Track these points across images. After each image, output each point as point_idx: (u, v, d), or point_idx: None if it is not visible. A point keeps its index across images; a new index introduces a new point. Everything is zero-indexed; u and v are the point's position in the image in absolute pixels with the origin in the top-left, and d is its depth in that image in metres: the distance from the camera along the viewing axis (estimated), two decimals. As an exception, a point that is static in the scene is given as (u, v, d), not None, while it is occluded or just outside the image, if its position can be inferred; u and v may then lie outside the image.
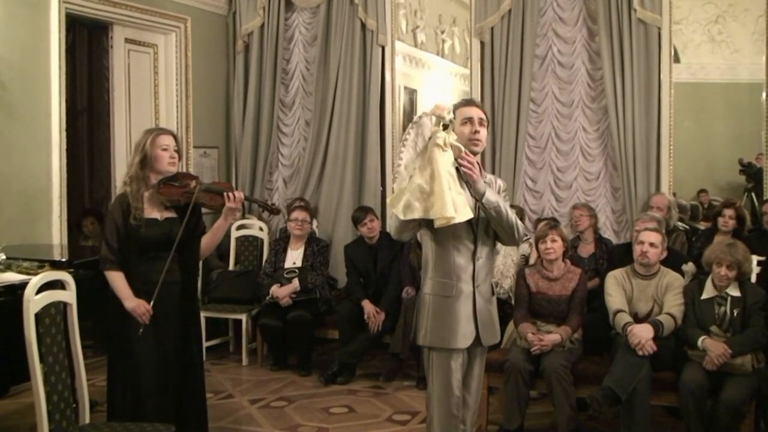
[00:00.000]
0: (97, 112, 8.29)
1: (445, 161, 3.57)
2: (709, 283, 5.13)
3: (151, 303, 4.16)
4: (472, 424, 4.07)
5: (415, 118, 3.71)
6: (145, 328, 4.17)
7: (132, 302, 4.17)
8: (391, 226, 3.76)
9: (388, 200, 3.73)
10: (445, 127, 3.62)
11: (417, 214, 3.56)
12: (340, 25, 7.87)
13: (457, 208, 3.54)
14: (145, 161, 4.27)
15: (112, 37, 7.51)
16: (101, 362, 6.11)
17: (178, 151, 4.39)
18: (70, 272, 4.19)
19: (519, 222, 3.88)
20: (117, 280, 4.21)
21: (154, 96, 7.88)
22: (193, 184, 4.33)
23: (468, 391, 3.95)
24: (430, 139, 3.62)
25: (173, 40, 7.88)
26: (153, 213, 4.30)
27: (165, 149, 4.29)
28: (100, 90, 8.12)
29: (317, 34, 8.04)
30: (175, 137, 4.41)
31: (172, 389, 4.30)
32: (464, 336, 3.81)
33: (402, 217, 3.59)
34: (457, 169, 3.63)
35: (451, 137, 3.63)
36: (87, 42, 8.19)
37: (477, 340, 3.86)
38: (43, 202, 6.56)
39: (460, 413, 3.90)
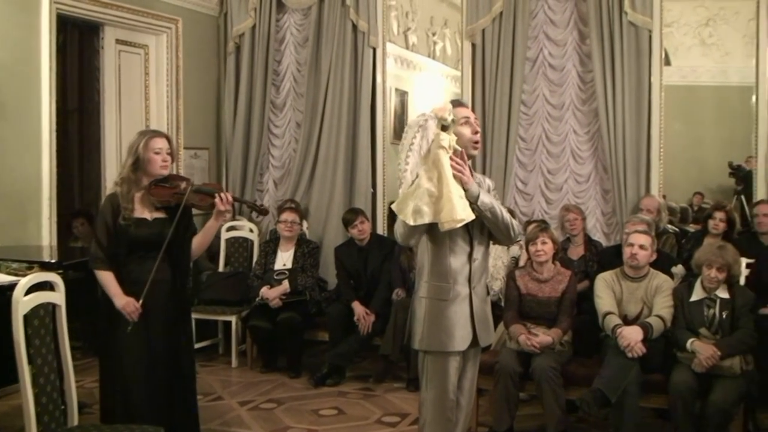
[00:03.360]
0: (88, 112, 8.28)
1: (448, 163, 3.57)
2: (698, 286, 5.14)
3: (140, 301, 4.16)
4: (465, 425, 4.08)
5: (420, 121, 3.68)
6: (133, 326, 4.17)
7: (122, 300, 4.17)
8: (397, 233, 3.71)
9: (393, 206, 3.69)
10: (444, 129, 3.62)
11: (427, 219, 3.54)
12: (331, 27, 7.87)
13: (465, 209, 3.55)
14: (138, 164, 4.28)
15: (103, 38, 7.50)
16: (90, 364, 6.13)
17: (172, 154, 4.38)
18: (59, 273, 4.17)
19: (513, 220, 3.90)
20: (107, 278, 4.23)
21: (145, 97, 7.87)
22: (183, 185, 4.34)
23: (461, 392, 3.96)
24: (432, 141, 3.62)
25: (164, 41, 7.87)
26: (143, 213, 4.30)
27: (158, 153, 4.29)
28: (91, 91, 8.11)
29: (308, 36, 8.03)
30: (169, 140, 4.41)
31: (162, 390, 4.29)
32: (462, 338, 3.82)
33: (412, 223, 3.56)
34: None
35: (453, 139, 3.63)
36: (78, 42, 8.17)
37: (474, 341, 3.87)
38: (33, 203, 6.55)
39: (454, 416, 3.90)
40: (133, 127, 7.10)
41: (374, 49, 7.83)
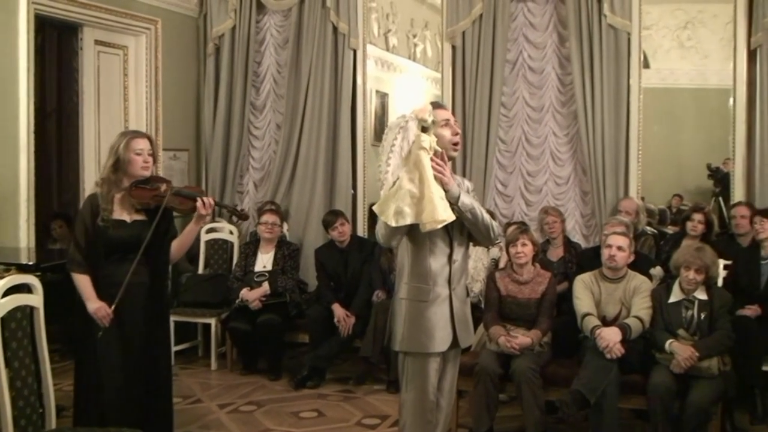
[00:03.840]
0: (66, 114, 8.22)
1: (429, 164, 3.58)
2: (676, 287, 5.18)
3: (113, 306, 4.13)
4: (445, 426, 4.08)
5: (401, 123, 3.67)
6: (107, 330, 4.14)
7: (94, 304, 4.16)
8: (378, 234, 3.71)
9: (374, 207, 3.68)
10: (425, 130, 3.62)
11: (409, 220, 3.55)
12: (311, 28, 7.85)
13: (446, 210, 3.56)
14: (118, 165, 4.25)
15: (81, 39, 7.44)
16: (68, 366, 6.06)
17: (153, 155, 4.35)
18: (37, 276, 4.14)
19: (493, 221, 3.92)
20: (82, 282, 4.21)
21: (124, 98, 7.82)
22: (164, 187, 4.32)
23: (441, 393, 3.96)
24: (413, 143, 3.62)
25: (143, 42, 7.82)
26: (122, 215, 4.28)
27: (139, 153, 4.26)
28: (70, 92, 8.05)
29: (289, 37, 8.01)
30: (150, 140, 4.39)
31: (137, 392, 4.25)
32: (442, 340, 3.82)
33: (394, 224, 3.56)
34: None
35: (433, 140, 3.64)
36: (56, 43, 8.12)
37: (454, 342, 3.87)
38: (11, 205, 6.49)
39: (435, 418, 3.91)
40: (112, 129, 7.08)
41: (354, 51, 7.83)
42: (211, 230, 7.80)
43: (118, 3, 7.43)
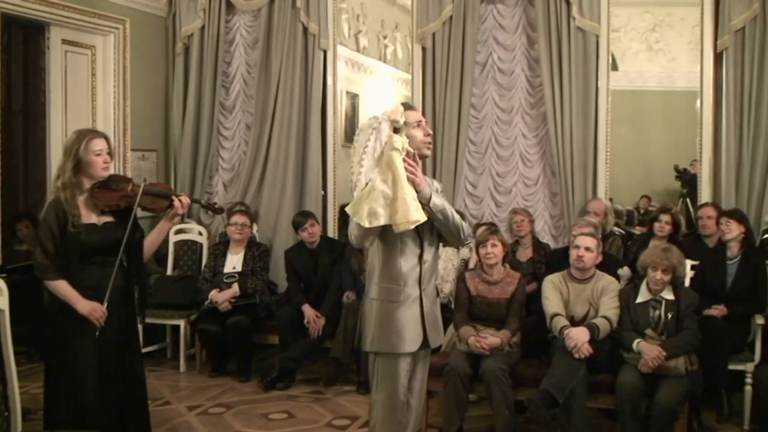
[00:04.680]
0: (33, 113, 8.12)
1: (402, 165, 3.58)
2: (644, 287, 5.22)
3: (105, 304, 4.07)
4: (415, 427, 4.09)
5: (374, 124, 3.68)
6: (87, 331, 4.06)
7: (86, 305, 4.07)
8: (351, 235, 3.71)
9: (347, 209, 3.68)
10: (396, 131, 3.63)
11: (382, 221, 3.56)
12: (281, 29, 7.83)
13: (419, 210, 3.57)
14: (79, 167, 4.14)
15: (48, 38, 7.34)
16: (35, 369, 6.02)
17: (111, 154, 4.26)
18: (2, 277, 4.10)
19: (463, 222, 3.94)
20: (62, 287, 4.09)
21: (92, 98, 7.74)
22: (129, 187, 4.26)
23: (411, 393, 3.97)
24: (386, 144, 3.63)
25: (111, 42, 7.74)
26: (90, 218, 4.19)
27: (98, 154, 4.16)
28: (36, 91, 7.96)
29: (258, 37, 7.98)
30: (107, 140, 4.28)
31: (114, 395, 4.19)
32: (412, 340, 3.84)
33: (367, 225, 3.57)
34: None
35: (405, 141, 3.64)
36: (23, 42, 8.02)
37: (424, 342, 3.89)
38: (-24, 206, 6.42)
39: (405, 418, 3.91)
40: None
41: (325, 52, 7.81)
42: (180, 231, 7.74)
43: (85, 2, 7.36)
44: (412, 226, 3.60)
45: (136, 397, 4.38)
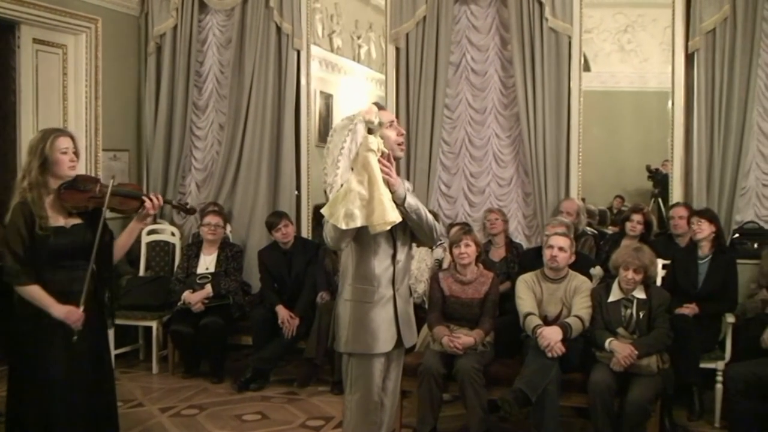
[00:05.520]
0: (3, 113, 8.00)
1: (377, 166, 3.58)
2: (615, 286, 5.26)
3: (82, 307, 3.96)
4: (389, 427, 4.09)
5: (349, 125, 3.67)
6: (57, 338, 3.97)
7: (61, 310, 3.95)
8: (327, 237, 3.69)
9: (322, 210, 3.66)
10: (370, 132, 3.64)
11: (359, 222, 3.55)
12: (255, 28, 7.80)
13: (394, 211, 3.58)
14: (45, 166, 4.04)
15: (19, 37, 7.25)
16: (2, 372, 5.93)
17: (77, 153, 4.17)
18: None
19: (436, 222, 3.96)
20: (35, 292, 3.98)
21: (63, 98, 7.66)
22: (98, 188, 4.16)
23: (386, 393, 3.97)
24: (361, 145, 3.62)
25: (83, 41, 7.67)
26: (58, 220, 4.09)
27: (65, 152, 4.07)
28: (6, 91, 7.84)
29: (231, 37, 7.94)
30: (73, 138, 4.18)
31: (82, 402, 4.09)
32: (386, 340, 3.83)
33: (344, 227, 3.55)
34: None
35: (380, 142, 3.65)
36: (-8, 41, 7.93)
37: (398, 342, 3.89)
38: (-56, 206, 6.33)
39: (379, 418, 3.91)
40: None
41: (298, 52, 7.79)
42: (152, 232, 7.70)
43: (57, 1, 7.28)
44: (388, 227, 3.61)
45: (105, 402, 4.29)
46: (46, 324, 4.00)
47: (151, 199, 4.22)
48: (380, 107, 3.86)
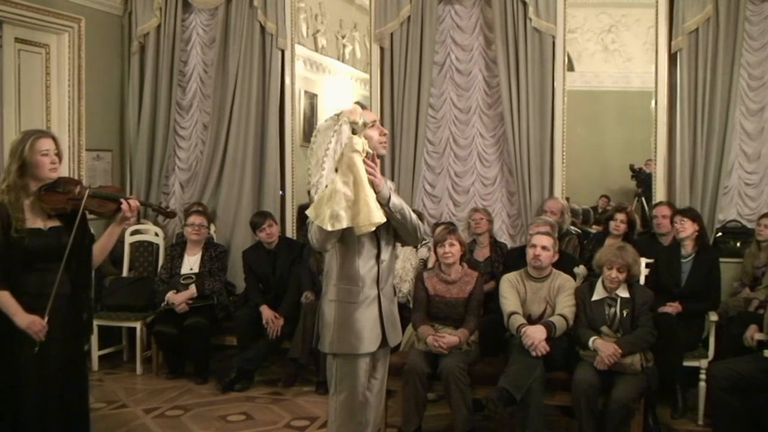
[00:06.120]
0: (-15, 113, 7.99)
1: (362, 166, 3.58)
2: (599, 285, 5.28)
3: (46, 318, 3.87)
4: (375, 426, 4.09)
5: (334, 126, 3.67)
6: (30, 346, 3.87)
7: (25, 319, 3.87)
8: (313, 239, 3.69)
9: (307, 212, 3.65)
10: (354, 132, 3.64)
11: (345, 223, 3.56)
12: (239, 28, 7.78)
13: (379, 211, 3.59)
14: (25, 168, 3.97)
15: (1, 37, 7.20)
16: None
17: (59, 155, 4.08)
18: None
19: (419, 221, 3.97)
20: (4, 298, 3.89)
21: (46, 97, 7.61)
22: (77, 189, 4.09)
23: (371, 392, 3.98)
24: (345, 145, 3.62)
25: (66, 41, 7.62)
26: (36, 223, 4.01)
27: (45, 154, 3.98)
28: (-12, 91, 7.83)
29: (215, 36, 7.91)
30: (55, 140, 4.10)
31: (55, 403, 4.01)
32: (371, 340, 3.84)
33: (330, 229, 3.55)
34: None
35: (365, 142, 3.65)
36: (-26, 41, 7.88)
37: (383, 341, 3.89)
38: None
39: (364, 418, 3.92)
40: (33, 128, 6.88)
41: (283, 51, 7.78)
42: (136, 232, 7.66)
43: (39, 0, 7.23)
44: (374, 228, 3.62)
45: (78, 405, 4.19)
46: (17, 328, 3.91)
47: (128, 202, 4.15)
48: (363, 107, 3.86)
